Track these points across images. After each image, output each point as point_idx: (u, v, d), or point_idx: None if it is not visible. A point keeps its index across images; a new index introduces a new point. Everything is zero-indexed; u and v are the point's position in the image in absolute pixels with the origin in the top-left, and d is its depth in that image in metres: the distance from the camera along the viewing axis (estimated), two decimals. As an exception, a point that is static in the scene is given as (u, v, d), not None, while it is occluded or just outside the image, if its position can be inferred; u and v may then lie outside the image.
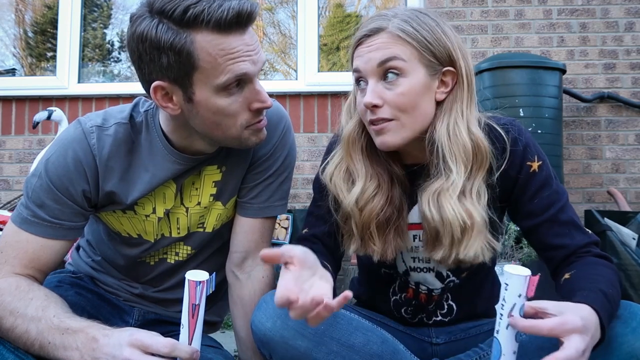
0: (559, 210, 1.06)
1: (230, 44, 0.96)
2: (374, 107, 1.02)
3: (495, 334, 0.83)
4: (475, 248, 1.02)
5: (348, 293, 0.83)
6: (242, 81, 1.00)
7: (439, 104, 1.06)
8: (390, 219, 1.07)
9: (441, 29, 1.04)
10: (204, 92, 0.99)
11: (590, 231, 1.07)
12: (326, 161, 1.16)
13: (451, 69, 1.05)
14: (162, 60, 0.96)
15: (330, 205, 1.13)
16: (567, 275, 1.00)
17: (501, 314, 0.82)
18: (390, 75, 1.02)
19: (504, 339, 0.81)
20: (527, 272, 0.81)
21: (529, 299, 0.82)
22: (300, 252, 0.88)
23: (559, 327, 0.79)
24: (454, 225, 1.00)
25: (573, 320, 0.80)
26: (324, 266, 0.97)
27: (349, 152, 1.11)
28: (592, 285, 0.92)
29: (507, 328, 0.81)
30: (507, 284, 0.81)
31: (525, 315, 0.82)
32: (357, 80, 1.08)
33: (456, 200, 1.01)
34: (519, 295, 0.80)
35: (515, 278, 0.80)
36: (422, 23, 1.03)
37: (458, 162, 1.02)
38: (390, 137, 1.03)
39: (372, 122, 1.04)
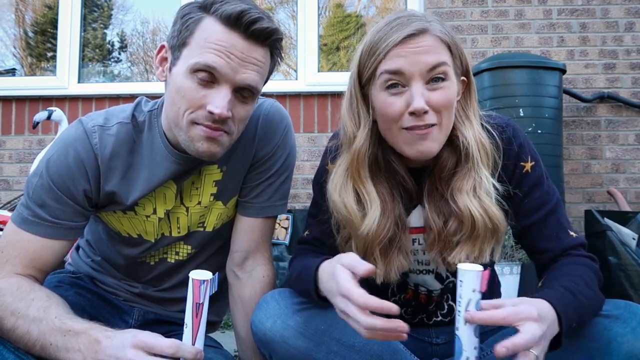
0: (548, 213, 1.07)
1: (222, 36, 0.98)
2: (423, 113, 0.98)
3: (455, 331, 0.85)
4: (496, 251, 1.05)
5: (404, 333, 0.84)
6: (215, 78, 0.99)
7: None
8: (393, 238, 1.06)
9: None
10: (180, 68, 1.01)
11: (576, 234, 1.07)
12: (331, 177, 1.10)
13: (464, 78, 1.06)
14: (175, 26, 1.04)
15: (333, 226, 1.10)
16: (541, 282, 1.02)
17: (459, 311, 0.84)
18: (435, 80, 0.99)
19: (464, 335, 0.83)
20: (479, 267, 0.83)
21: (482, 294, 0.83)
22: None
23: (513, 315, 0.80)
24: (494, 222, 1.01)
25: (527, 309, 0.82)
26: None
27: (358, 171, 1.06)
28: (555, 283, 0.94)
29: (465, 324, 0.83)
30: (461, 281, 0.83)
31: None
32: (390, 84, 1.00)
33: (495, 204, 1.02)
34: (473, 290, 0.83)
35: (468, 274, 0.83)
36: (451, 31, 1.04)
37: (485, 167, 1.04)
38: (433, 143, 1.01)
39: (413, 128, 0.99)
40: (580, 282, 0.94)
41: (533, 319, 0.80)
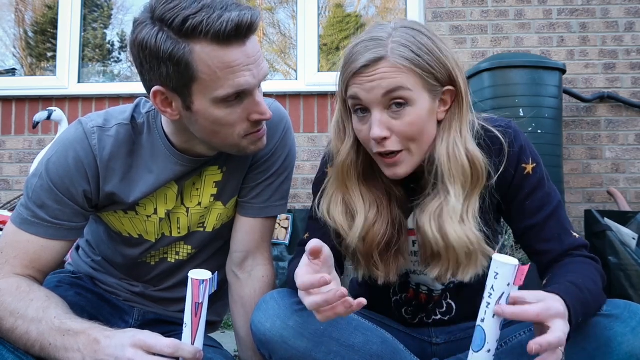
0: (549, 215, 1.06)
1: (229, 57, 0.94)
2: (382, 140, 0.98)
3: (479, 322, 0.83)
4: (473, 271, 1.03)
5: (363, 300, 0.84)
6: (242, 93, 0.99)
7: (439, 122, 1.04)
8: (391, 241, 1.06)
9: (438, 47, 0.99)
10: (202, 103, 0.98)
11: (578, 235, 1.07)
12: (319, 195, 1.12)
13: (451, 87, 1.02)
14: (161, 69, 0.95)
15: (333, 237, 1.09)
16: (546, 280, 1.02)
17: (488, 303, 0.82)
18: (396, 105, 0.97)
19: (490, 328, 0.82)
20: (515, 261, 0.81)
21: (518, 289, 0.82)
22: (327, 251, 0.91)
23: (545, 312, 0.80)
24: (458, 251, 1.00)
25: (556, 306, 0.81)
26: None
27: (344, 183, 1.08)
28: (562, 279, 0.93)
29: (493, 317, 0.81)
30: (496, 273, 0.81)
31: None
32: (356, 109, 1.02)
33: (457, 225, 1.00)
34: (508, 284, 0.81)
35: (505, 267, 0.81)
36: (421, 46, 0.98)
37: (456, 184, 1.01)
38: (402, 169, 1.02)
39: (381, 154, 1.01)
40: (585, 279, 0.94)
41: (561, 316, 0.81)
